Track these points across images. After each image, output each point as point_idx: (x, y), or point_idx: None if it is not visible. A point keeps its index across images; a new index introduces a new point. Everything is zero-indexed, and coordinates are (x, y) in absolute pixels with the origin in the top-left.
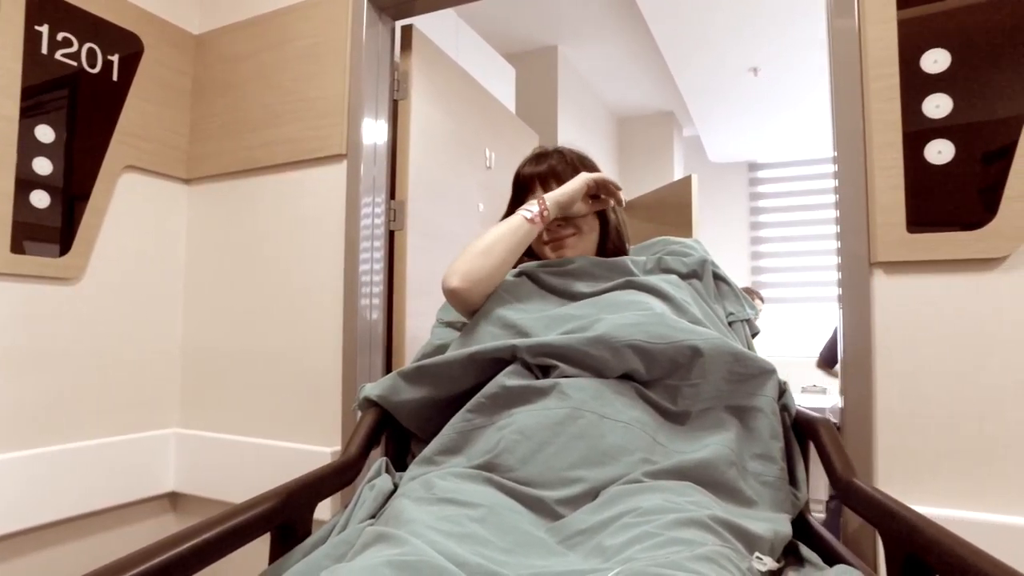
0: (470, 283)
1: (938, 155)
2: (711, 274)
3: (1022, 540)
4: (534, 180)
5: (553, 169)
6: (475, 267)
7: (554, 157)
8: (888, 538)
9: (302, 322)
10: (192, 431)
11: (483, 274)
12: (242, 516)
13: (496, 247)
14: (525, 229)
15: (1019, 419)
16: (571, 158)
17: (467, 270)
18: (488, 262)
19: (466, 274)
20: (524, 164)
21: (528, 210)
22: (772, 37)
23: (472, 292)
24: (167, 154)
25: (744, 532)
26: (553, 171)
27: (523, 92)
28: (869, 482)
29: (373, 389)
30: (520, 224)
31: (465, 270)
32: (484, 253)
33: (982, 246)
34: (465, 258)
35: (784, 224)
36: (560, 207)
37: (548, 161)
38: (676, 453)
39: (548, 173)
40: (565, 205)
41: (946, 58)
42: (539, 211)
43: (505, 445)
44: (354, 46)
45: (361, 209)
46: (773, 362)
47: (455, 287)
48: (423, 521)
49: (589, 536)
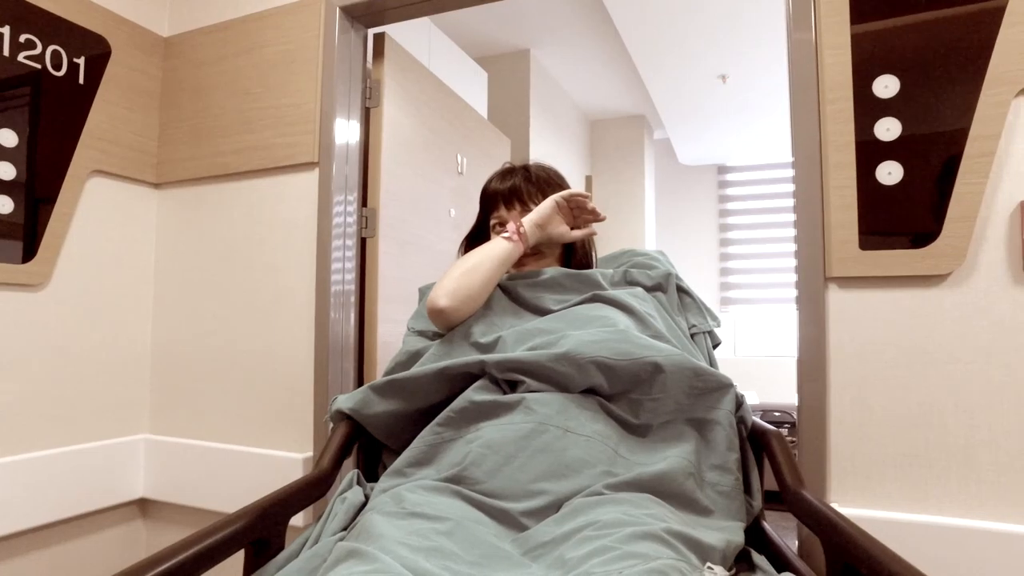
0: (458, 302)
1: (888, 176)
2: (675, 287)
3: (961, 540)
4: (498, 199)
5: (516, 188)
6: (463, 287)
7: (519, 175)
8: (828, 548)
9: (274, 328)
10: (162, 437)
11: (470, 293)
12: (217, 535)
13: (482, 266)
14: (507, 249)
15: (958, 426)
16: (537, 177)
17: (454, 289)
18: (475, 282)
19: (454, 293)
20: (492, 179)
21: (507, 231)
22: (740, 46)
23: (459, 311)
24: (136, 158)
25: (697, 543)
26: (516, 190)
27: (496, 96)
28: (823, 487)
29: (345, 402)
30: (501, 245)
31: (453, 289)
32: (470, 273)
33: (928, 264)
34: (452, 279)
35: (752, 227)
36: (539, 228)
37: (513, 179)
38: (637, 465)
39: (511, 192)
40: (543, 225)
41: (896, 84)
42: (516, 229)
43: (473, 458)
44: (326, 54)
45: (333, 216)
46: (742, 361)
47: (443, 307)
48: (392, 536)
49: (551, 548)
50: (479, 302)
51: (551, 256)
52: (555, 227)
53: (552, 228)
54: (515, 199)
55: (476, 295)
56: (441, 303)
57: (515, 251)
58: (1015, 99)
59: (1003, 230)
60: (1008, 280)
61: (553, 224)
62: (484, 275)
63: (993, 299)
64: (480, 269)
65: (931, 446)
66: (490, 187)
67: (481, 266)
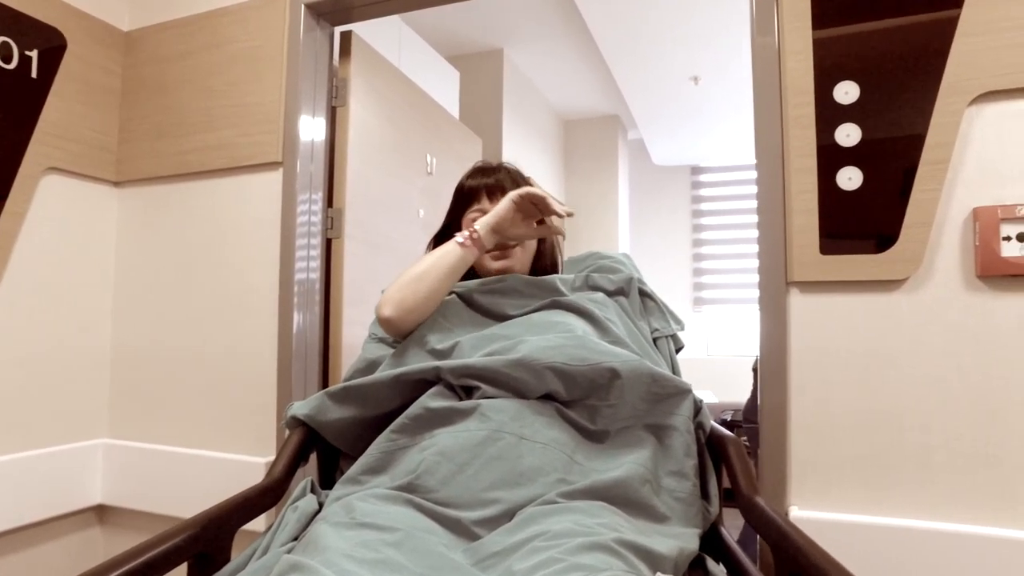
0: (403, 312)
1: (849, 181)
2: (637, 291)
3: (916, 541)
4: (480, 191)
5: (501, 183)
6: (408, 296)
7: (501, 172)
8: (777, 556)
9: (236, 330)
10: (121, 441)
11: (416, 302)
12: (156, 549)
13: (429, 275)
14: (458, 255)
15: (914, 429)
16: (515, 176)
17: (400, 299)
18: (421, 290)
19: (399, 303)
20: (468, 176)
21: (460, 236)
22: (712, 47)
23: (405, 321)
24: (94, 156)
25: (648, 553)
26: (501, 185)
27: (468, 95)
28: (783, 490)
29: (300, 408)
30: (453, 250)
31: (399, 299)
32: (417, 281)
33: (886, 268)
34: (398, 286)
35: (725, 227)
36: (494, 231)
37: (496, 175)
38: (593, 472)
39: (496, 186)
40: (499, 228)
41: (856, 90)
42: (469, 235)
43: (426, 466)
44: (291, 52)
45: (297, 217)
46: (713, 361)
47: (388, 316)
48: (338, 549)
49: (501, 559)
50: (427, 310)
51: (521, 256)
52: (514, 228)
53: (512, 230)
54: (499, 193)
55: (423, 304)
56: (386, 312)
57: (468, 256)
58: (968, 108)
59: (957, 236)
60: (962, 286)
61: (513, 225)
62: (432, 283)
63: (947, 304)
64: (428, 277)
65: (888, 449)
66: (469, 182)
67: (429, 274)
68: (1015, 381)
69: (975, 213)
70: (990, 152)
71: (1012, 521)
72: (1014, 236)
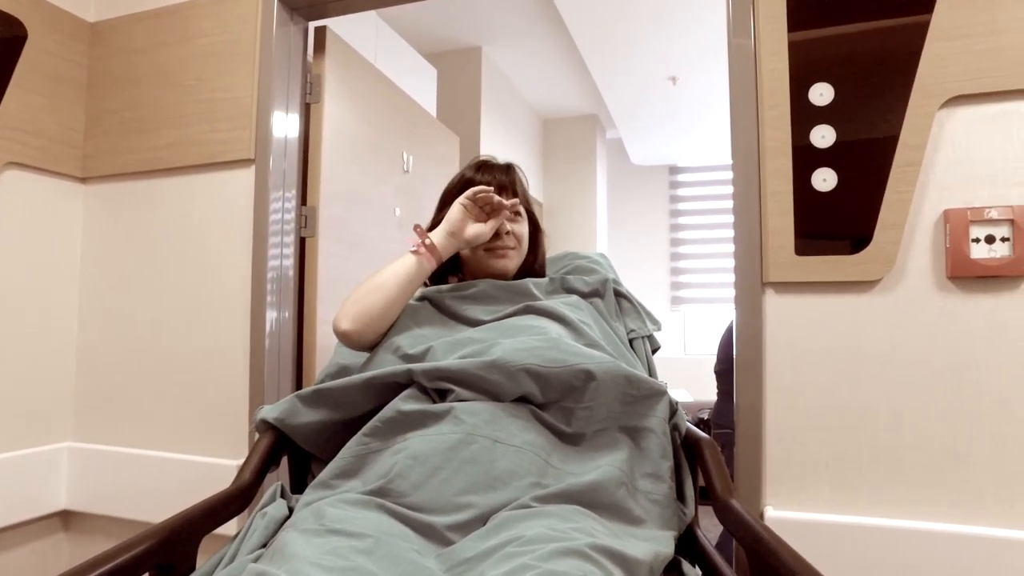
0: (361, 325)
1: (823, 183)
2: (612, 292)
3: (888, 539)
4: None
5: (514, 185)
6: (365, 309)
7: (513, 173)
8: (751, 558)
9: (207, 330)
10: (87, 445)
11: (373, 315)
12: (114, 561)
13: (385, 286)
14: (413, 264)
15: (888, 428)
16: (523, 182)
17: (357, 312)
18: (378, 303)
19: (356, 316)
20: (477, 170)
21: (413, 244)
22: (690, 48)
23: (364, 334)
24: (59, 151)
25: (623, 558)
26: (512, 187)
27: (446, 93)
28: (759, 490)
29: (270, 412)
30: (408, 259)
31: (355, 312)
32: (373, 293)
33: (859, 270)
34: (354, 300)
35: (702, 227)
36: (450, 235)
37: (510, 174)
38: (568, 475)
39: (508, 186)
40: (455, 233)
41: (830, 92)
42: (422, 242)
43: (399, 470)
44: (264, 46)
45: (270, 215)
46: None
47: (346, 330)
48: (306, 557)
49: (474, 565)
50: (385, 323)
51: (516, 257)
52: (469, 231)
53: (467, 232)
54: (510, 193)
55: (380, 316)
56: (344, 326)
57: (425, 265)
58: (939, 111)
59: (929, 238)
60: (933, 286)
61: (467, 228)
62: (388, 295)
63: (920, 305)
64: (384, 289)
65: (862, 448)
66: (481, 176)
67: (385, 285)
68: (983, 381)
69: (946, 215)
70: (960, 155)
71: (979, 518)
72: (983, 238)
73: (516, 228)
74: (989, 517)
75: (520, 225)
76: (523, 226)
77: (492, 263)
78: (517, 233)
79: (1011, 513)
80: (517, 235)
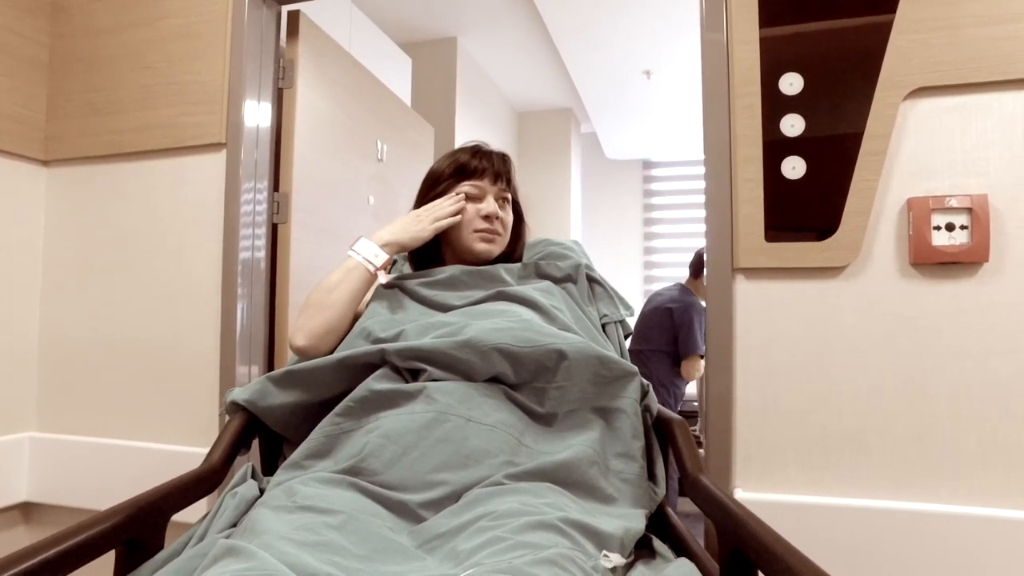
0: (316, 340)
1: (793, 171)
2: (585, 277)
3: (851, 518)
4: (485, 173)
5: (507, 174)
6: (319, 326)
7: (508, 164)
8: (720, 531)
9: (176, 317)
10: (50, 434)
11: (329, 330)
12: (79, 536)
13: (338, 303)
14: (365, 276)
15: (853, 412)
16: (514, 173)
17: (312, 329)
18: (331, 320)
19: (311, 332)
20: (470, 155)
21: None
22: (664, 42)
23: (319, 348)
24: (19, 132)
25: (595, 532)
26: (506, 175)
27: (420, 83)
28: (728, 474)
29: (241, 393)
30: (359, 272)
31: (310, 329)
32: (327, 310)
33: (827, 256)
34: (307, 315)
35: (676, 221)
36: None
37: (505, 163)
38: (540, 454)
39: (502, 174)
40: (408, 246)
41: (800, 82)
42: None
43: (371, 449)
44: (235, 29)
45: (242, 201)
46: None
47: (302, 346)
48: (277, 531)
49: (446, 540)
50: (340, 334)
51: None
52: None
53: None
54: (503, 180)
55: (335, 330)
56: (300, 342)
57: (370, 275)
58: (903, 102)
59: (893, 226)
60: (897, 273)
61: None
62: (341, 311)
63: (884, 291)
64: (337, 305)
65: (827, 432)
66: (475, 161)
67: (338, 301)
68: (944, 365)
69: (909, 203)
70: (923, 145)
71: (939, 497)
72: (943, 226)
73: (503, 215)
74: (947, 495)
75: (508, 213)
76: (510, 214)
77: (478, 245)
78: (505, 221)
79: (968, 491)
80: (504, 222)
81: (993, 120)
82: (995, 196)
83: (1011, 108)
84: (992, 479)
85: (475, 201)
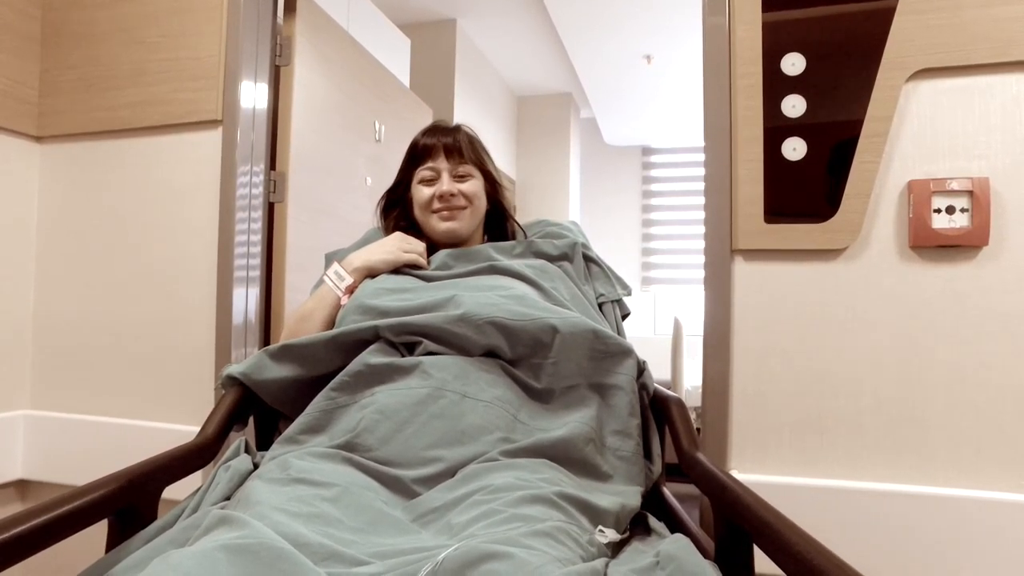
0: None
1: (793, 152)
2: (581, 256)
3: (845, 500)
4: (437, 150)
5: (459, 144)
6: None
7: (460, 133)
8: (716, 508)
9: (172, 295)
10: (45, 412)
11: None
12: (73, 503)
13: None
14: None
15: (848, 394)
16: (471, 140)
17: None
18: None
19: None
20: (424, 134)
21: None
22: (665, 27)
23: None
24: (11, 107)
25: (590, 507)
26: (458, 146)
27: (419, 65)
28: (724, 456)
29: (237, 367)
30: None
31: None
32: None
33: (826, 238)
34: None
35: (674, 208)
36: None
37: (455, 135)
38: (537, 431)
39: (453, 146)
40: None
41: (802, 62)
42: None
43: (366, 424)
44: (231, 5)
45: (238, 179)
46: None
47: None
48: (271, 503)
49: (441, 514)
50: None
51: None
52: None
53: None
54: (456, 153)
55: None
56: None
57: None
58: (905, 84)
59: (893, 208)
60: (896, 255)
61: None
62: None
63: (882, 273)
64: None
65: (823, 413)
66: (425, 139)
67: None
68: (940, 347)
69: (910, 186)
70: (924, 127)
71: (932, 479)
72: (943, 209)
73: (465, 187)
74: (941, 477)
75: (469, 183)
76: (473, 184)
77: (440, 226)
78: (467, 192)
79: (961, 473)
80: (467, 194)
81: (996, 102)
82: (996, 179)
83: (1014, 90)
84: (987, 462)
85: (430, 184)
